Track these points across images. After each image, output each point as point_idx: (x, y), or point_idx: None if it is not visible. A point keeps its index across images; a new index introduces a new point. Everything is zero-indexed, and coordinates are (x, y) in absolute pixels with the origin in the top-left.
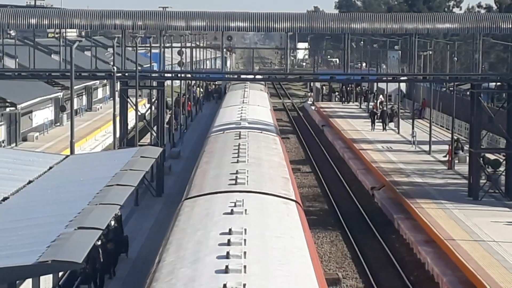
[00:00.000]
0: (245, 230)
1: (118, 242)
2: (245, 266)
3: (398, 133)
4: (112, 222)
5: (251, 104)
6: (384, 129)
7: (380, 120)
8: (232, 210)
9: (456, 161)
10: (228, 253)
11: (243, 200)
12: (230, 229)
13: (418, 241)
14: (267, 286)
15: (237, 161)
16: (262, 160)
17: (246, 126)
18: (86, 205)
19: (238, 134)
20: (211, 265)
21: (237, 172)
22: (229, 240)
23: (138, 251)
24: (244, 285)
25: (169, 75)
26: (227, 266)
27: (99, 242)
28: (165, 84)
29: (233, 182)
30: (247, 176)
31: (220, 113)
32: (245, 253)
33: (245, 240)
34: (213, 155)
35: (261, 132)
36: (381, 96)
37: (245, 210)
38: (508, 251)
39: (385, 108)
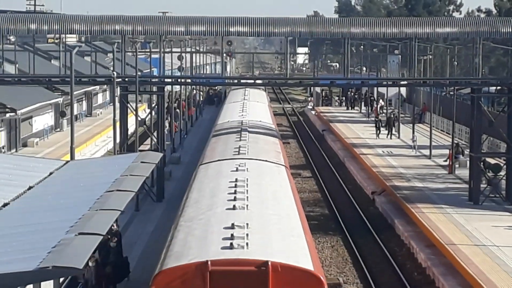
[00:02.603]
0: (247, 179)
1: (118, 265)
2: (247, 197)
3: (399, 137)
4: (112, 244)
5: (251, 101)
6: (388, 136)
7: (386, 127)
8: (237, 168)
9: (457, 166)
10: (235, 191)
11: (245, 163)
12: (236, 178)
13: (419, 246)
14: (262, 206)
15: (240, 139)
16: (260, 139)
17: (246, 118)
18: (87, 210)
19: (240, 122)
20: (224, 197)
21: (239, 147)
22: (236, 184)
23: (139, 256)
24: (247, 205)
25: (169, 80)
26: (235, 197)
27: (95, 264)
28: (165, 89)
29: (237, 152)
30: (248, 149)
31: (223, 111)
32: (247, 190)
33: (247, 184)
34: (220, 138)
35: (260, 121)
36: (381, 101)
37: (247, 168)
38: (509, 255)
39: (391, 115)
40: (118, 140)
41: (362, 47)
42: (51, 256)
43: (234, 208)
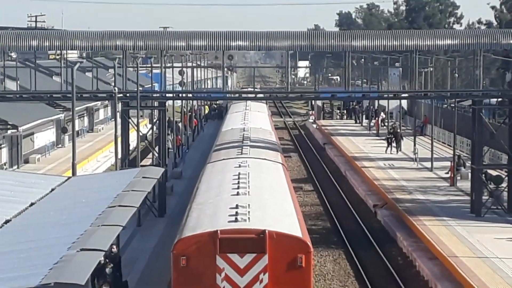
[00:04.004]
0: (249, 173)
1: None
2: (249, 186)
3: (400, 150)
4: (109, 269)
5: (252, 111)
6: (396, 151)
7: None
8: (240, 165)
9: (458, 178)
10: (239, 181)
11: (247, 161)
12: (239, 173)
13: (421, 259)
14: (261, 192)
15: (242, 142)
16: (260, 142)
17: (248, 125)
18: (89, 226)
19: (243, 129)
20: (229, 187)
21: (242, 148)
22: (239, 177)
23: (141, 271)
24: (249, 192)
25: (171, 95)
26: (238, 186)
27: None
28: (167, 104)
29: (240, 152)
30: (249, 150)
31: (226, 120)
32: (249, 181)
33: (249, 177)
34: (224, 141)
35: (260, 128)
36: (382, 113)
37: (248, 165)
38: None
39: (397, 130)
40: (119, 155)
41: (363, 60)
42: (53, 273)
43: (238, 194)
